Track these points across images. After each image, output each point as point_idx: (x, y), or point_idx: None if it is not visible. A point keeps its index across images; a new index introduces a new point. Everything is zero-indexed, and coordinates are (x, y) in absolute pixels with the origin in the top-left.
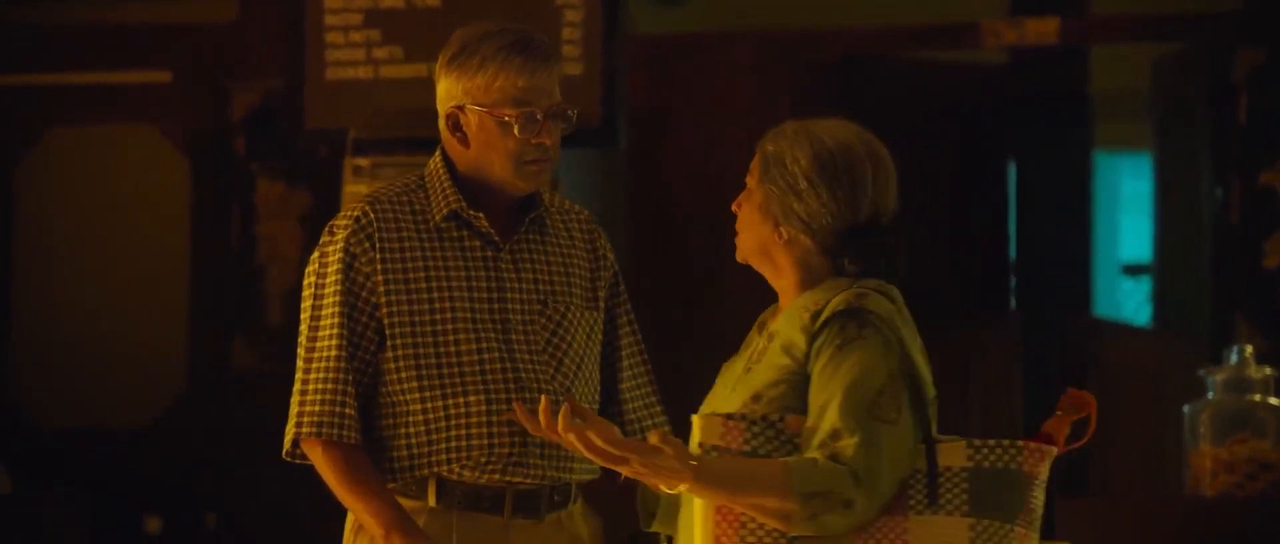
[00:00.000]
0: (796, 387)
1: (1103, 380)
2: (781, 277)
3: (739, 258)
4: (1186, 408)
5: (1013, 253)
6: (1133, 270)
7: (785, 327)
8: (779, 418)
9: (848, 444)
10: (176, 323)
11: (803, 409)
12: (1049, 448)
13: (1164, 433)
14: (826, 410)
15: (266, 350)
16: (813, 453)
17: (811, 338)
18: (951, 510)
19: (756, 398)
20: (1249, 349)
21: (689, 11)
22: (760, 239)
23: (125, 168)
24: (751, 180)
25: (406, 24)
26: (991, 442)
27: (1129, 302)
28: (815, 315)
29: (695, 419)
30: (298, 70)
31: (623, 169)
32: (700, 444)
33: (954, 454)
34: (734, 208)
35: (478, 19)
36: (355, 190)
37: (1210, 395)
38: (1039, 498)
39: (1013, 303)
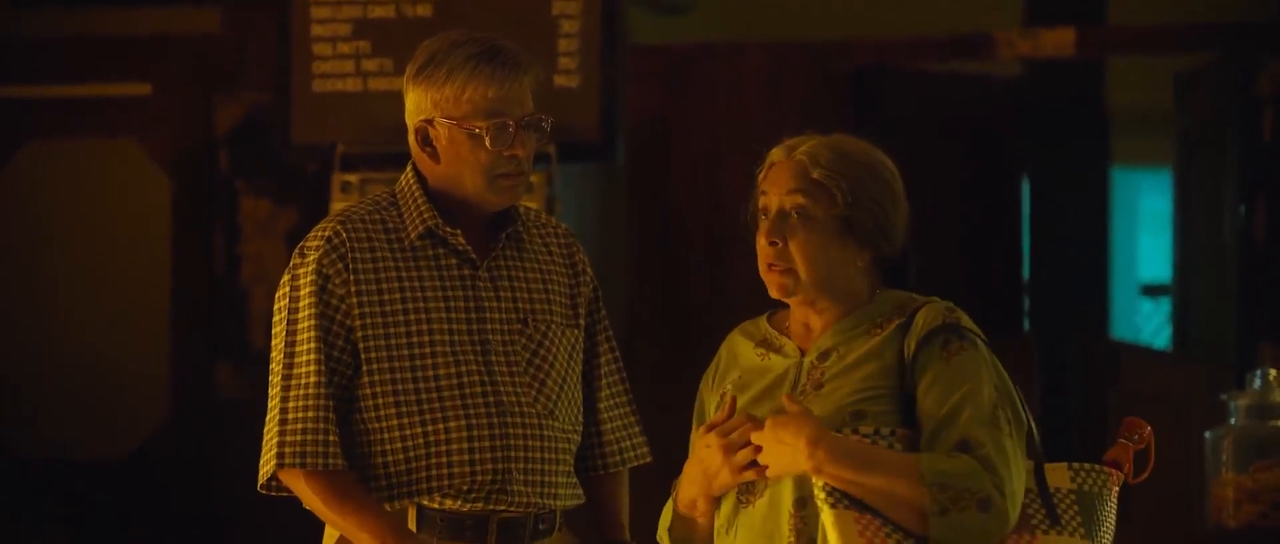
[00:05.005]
0: (896, 401)
1: (1120, 406)
2: (844, 301)
3: (784, 293)
4: (1208, 434)
5: (1027, 272)
6: (1152, 291)
7: (844, 343)
8: (891, 432)
9: (982, 448)
10: (157, 347)
11: (902, 424)
12: (1119, 473)
13: (1185, 460)
14: (950, 422)
15: (252, 376)
16: None
17: (916, 351)
18: (1072, 531)
19: (859, 416)
20: (1274, 373)
21: (691, 21)
22: (842, 264)
23: (104, 184)
24: (800, 201)
25: (397, 35)
26: (1088, 466)
27: (1148, 324)
28: (903, 329)
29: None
30: (284, 82)
31: (622, 185)
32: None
33: (1059, 476)
34: (771, 239)
35: (471, 28)
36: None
37: (1233, 421)
38: (1113, 520)
39: (1027, 324)
